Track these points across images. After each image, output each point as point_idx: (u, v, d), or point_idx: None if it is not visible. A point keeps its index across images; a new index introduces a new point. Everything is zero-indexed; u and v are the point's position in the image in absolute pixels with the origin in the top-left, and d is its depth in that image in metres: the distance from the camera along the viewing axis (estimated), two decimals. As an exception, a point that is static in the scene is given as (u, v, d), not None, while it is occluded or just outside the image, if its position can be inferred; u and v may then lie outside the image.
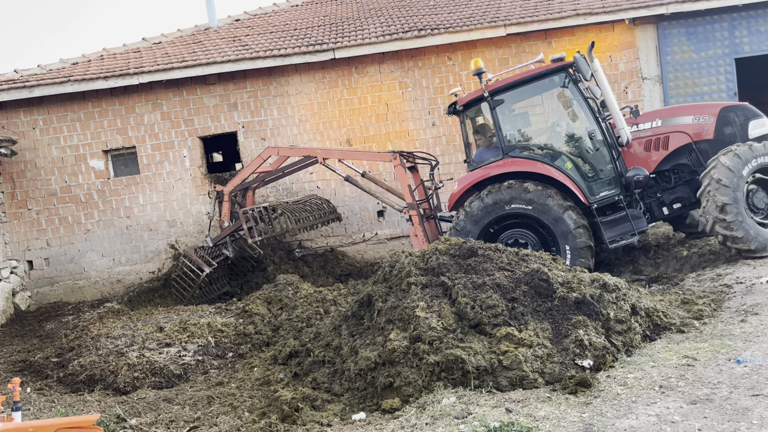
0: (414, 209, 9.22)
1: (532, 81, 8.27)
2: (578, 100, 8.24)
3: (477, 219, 8.09)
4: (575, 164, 8.22)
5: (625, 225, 8.03)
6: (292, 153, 10.23)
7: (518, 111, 8.81)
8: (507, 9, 12.38)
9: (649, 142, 8.36)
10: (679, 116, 8.36)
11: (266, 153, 10.17)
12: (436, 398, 4.69)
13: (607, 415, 4.12)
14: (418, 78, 11.93)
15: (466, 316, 5.28)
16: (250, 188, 10.69)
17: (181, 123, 11.93)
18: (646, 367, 4.81)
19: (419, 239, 9.10)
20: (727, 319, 5.68)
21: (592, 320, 5.27)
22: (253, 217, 9.61)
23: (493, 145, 8.57)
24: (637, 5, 11.48)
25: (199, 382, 6.40)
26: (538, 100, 9.05)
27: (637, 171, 8.11)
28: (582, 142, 8.33)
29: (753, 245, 7.36)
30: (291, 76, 11.89)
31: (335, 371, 5.61)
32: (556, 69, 8.14)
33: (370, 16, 13.68)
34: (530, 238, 8.13)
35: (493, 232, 8.20)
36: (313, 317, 7.52)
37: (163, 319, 8.07)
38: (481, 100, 8.40)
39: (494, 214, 8.05)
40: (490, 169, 8.28)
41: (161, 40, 13.72)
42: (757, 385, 4.24)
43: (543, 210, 7.88)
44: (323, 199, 11.29)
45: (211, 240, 10.47)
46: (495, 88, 8.27)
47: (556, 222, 7.87)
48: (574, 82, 8.15)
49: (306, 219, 10.10)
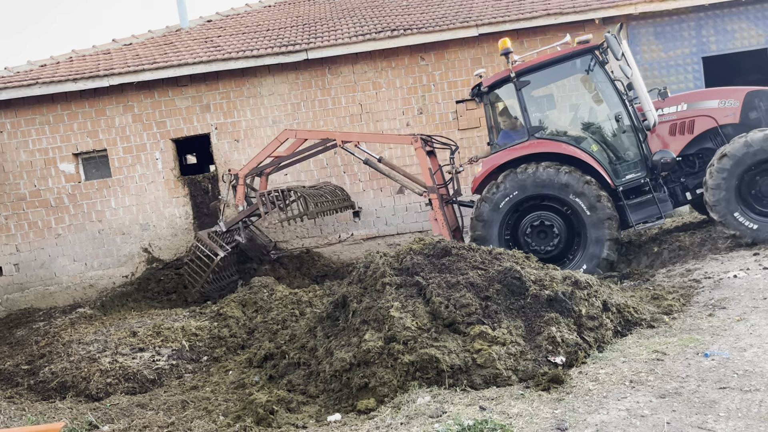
0: (434, 193, 9.10)
1: (558, 63, 8.21)
2: (604, 82, 8.19)
3: (503, 201, 8.02)
4: (601, 146, 8.18)
5: (652, 208, 8.04)
6: (310, 136, 10.00)
7: (544, 92, 8.70)
8: (479, 9, 12.46)
9: (674, 126, 8.30)
10: (704, 100, 8.30)
11: (283, 136, 9.89)
12: (411, 398, 4.71)
13: (579, 410, 4.18)
14: (391, 78, 11.95)
15: (441, 316, 5.31)
16: (263, 173, 10.31)
17: (153, 125, 11.81)
18: (617, 362, 4.88)
19: (439, 224, 8.99)
20: (696, 313, 5.78)
21: (565, 317, 5.33)
22: (270, 200, 9.37)
23: (517, 128, 8.49)
24: (607, 5, 11.62)
25: (174, 386, 6.34)
26: (564, 82, 8.95)
27: (663, 154, 8.05)
28: (608, 124, 8.31)
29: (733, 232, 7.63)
30: (264, 77, 11.84)
31: (310, 373, 5.60)
32: (583, 51, 8.09)
33: (343, 16, 13.67)
34: (555, 221, 8.09)
35: (518, 214, 8.15)
36: (288, 319, 7.50)
37: (137, 324, 7.99)
38: (506, 81, 8.31)
39: (524, 194, 7.98)
40: (515, 150, 8.21)
41: (132, 42, 13.57)
42: (724, 378, 4.32)
43: (576, 195, 7.83)
44: (337, 186, 11.05)
45: (225, 224, 10.14)
46: (521, 69, 8.19)
47: (588, 209, 7.83)
48: (600, 64, 8.08)
49: (323, 204, 9.85)
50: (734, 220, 7.59)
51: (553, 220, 8.13)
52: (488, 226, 8.15)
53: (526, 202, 8.13)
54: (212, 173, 12.18)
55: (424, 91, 11.91)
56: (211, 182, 12.03)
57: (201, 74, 11.62)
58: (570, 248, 8.18)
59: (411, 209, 11.92)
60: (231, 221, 10.16)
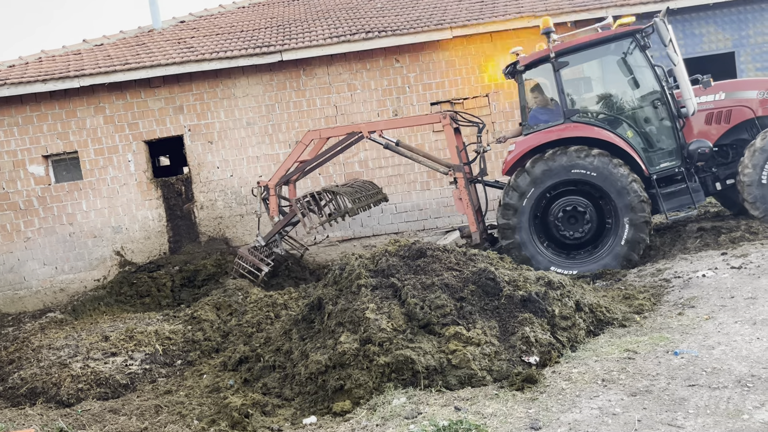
0: (460, 171, 8.91)
1: (598, 45, 8.09)
2: (644, 67, 8.06)
3: (537, 183, 7.94)
4: (636, 133, 8.09)
5: (685, 197, 7.97)
6: (334, 133, 9.70)
7: (582, 75, 8.56)
8: (453, 12, 12.54)
9: (710, 115, 8.20)
10: (743, 90, 8.22)
11: (307, 138, 9.54)
12: (386, 399, 4.72)
13: (552, 409, 4.22)
14: (366, 80, 11.96)
15: (416, 317, 5.33)
16: (290, 181, 9.91)
17: (125, 127, 11.67)
18: (590, 361, 4.94)
19: (463, 203, 8.83)
20: (666, 312, 5.89)
21: (538, 317, 5.39)
22: (305, 206, 9.11)
23: (548, 107, 8.38)
24: (578, 8, 11.78)
25: (147, 391, 6.27)
26: (603, 65, 8.77)
27: (700, 143, 7.95)
28: (645, 110, 8.19)
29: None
30: (238, 79, 11.77)
31: (286, 376, 5.58)
32: (625, 34, 7.96)
33: (317, 18, 13.65)
34: (587, 207, 8.02)
35: (549, 198, 8.08)
36: (263, 322, 7.46)
37: (109, 328, 7.88)
38: (544, 61, 8.15)
39: (555, 179, 7.90)
40: (551, 133, 8.08)
41: (103, 42, 13.39)
42: (693, 376, 4.41)
43: (607, 179, 7.75)
44: (366, 180, 10.80)
45: (263, 238, 9.84)
46: (561, 50, 8.04)
47: (619, 194, 7.75)
48: (641, 48, 7.98)
49: (360, 199, 9.55)
50: None
51: (584, 206, 8.00)
52: (518, 214, 8.03)
53: (554, 189, 8.02)
54: (186, 175, 12.07)
55: (399, 93, 11.95)
56: (184, 184, 11.92)
57: (174, 75, 11.51)
58: (601, 233, 8.10)
59: (387, 211, 11.94)
60: (268, 234, 9.86)
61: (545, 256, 8.12)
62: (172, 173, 17.02)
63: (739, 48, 12.37)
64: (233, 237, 11.91)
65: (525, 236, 8.09)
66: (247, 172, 11.88)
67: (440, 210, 12.20)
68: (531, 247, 8.11)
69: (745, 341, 4.85)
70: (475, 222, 8.81)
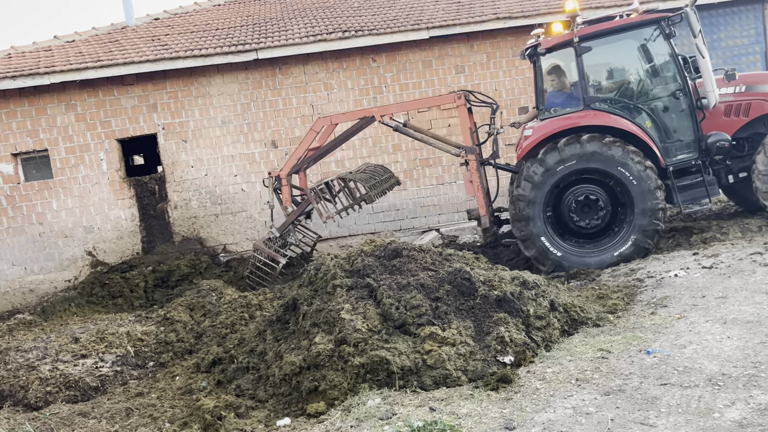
0: (473, 153, 8.66)
1: (623, 31, 7.96)
2: (668, 56, 7.97)
3: (550, 173, 7.83)
4: (655, 123, 8.01)
5: (700, 190, 7.90)
6: (346, 118, 9.45)
7: (604, 61, 8.41)
8: (430, 12, 12.55)
9: (729, 108, 8.11)
10: (764, 83, 8.12)
11: (318, 124, 9.21)
12: (361, 400, 4.69)
13: (527, 409, 4.23)
14: (343, 79, 11.92)
15: (391, 317, 5.30)
16: (301, 170, 9.57)
17: (98, 125, 11.48)
18: (564, 361, 4.96)
19: (474, 185, 8.64)
20: (639, 312, 5.94)
21: (513, 317, 5.40)
22: (319, 194, 8.87)
23: (565, 90, 8.29)
24: (554, 10, 11.85)
25: (118, 393, 6.16)
26: (625, 52, 8.53)
27: (719, 136, 7.86)
28: (665, 100, 8.08)
29: None
30: (213, 77, 11.65)
31: (260, 377, 5.52)
32: (650, 21, 7.86)
33: (294, 16, 13.57)
34: (600, 195, 7.94)
35: (563, 186, 7.98)
36: (237, 323, 7.37)
37: (79, 330, 7.73)
38: (566, 45, 7.99)
39: (569, 169, 7.79)
40: (569, 119, 7.97)
41: (75, 39, 13.15)
42: (665, 375, 4.45)
43: (621, 167, 7.66)
44: (377, 165, 10.47)
45: (277, 230, 9.54)
46: (584, 35, 7.88)
47: (634, 181, 7.67)
48: (665, 36, 7.88)
49: (377, 185, 9.24)
50: None
51: (597, 194, 7.92)
52: (531, 205, 7.91)
53: (568, 178, 7.93)
54: (159, 174, 11.91)
55: (376, 93, 11.92)
56: (158, 183, 11.76)
57: (148, 73, 11.35)
58: (614, 222, 8.03)
59: (363, 211, 11.89)
60: (282, 225, 9.58)
61: (560, 246, 8.01)
62: (146, 172, 16.79)
63: (710, 51, 12.55)
64: (207, 237, 11.78)
65: (539, 227, 7.96)
66: (222, 172, 11.76)
67: (417, 210, 12.21)
68: (545, 238, 7.99)
69: (716, 340, 4.91)
70: (485, 205, 8.65)
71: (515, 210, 8.08)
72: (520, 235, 8.11)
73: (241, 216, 11.87)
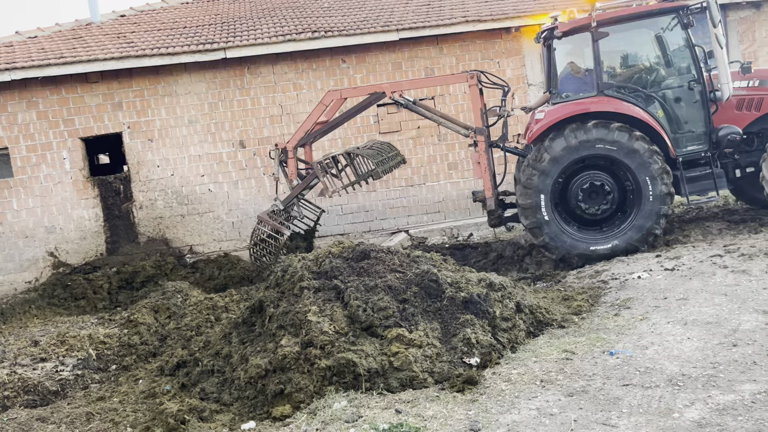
0: (482, 134, 8.59)
1: (641, 18, 7.93)
2: (684, 46, 7.97)
3: (560, 157, 7.78)
4: (667, 112, 7.97)
5: (708, 182, 7.88)
6: (356, 93, 9.37)
7: (619, 47, 8.36)
8: (399, 14, 12.57)
9: (741, 101, 8.07)
10: None
11: (327, 98, 9.15)
12: (327, 403, 4.66)
13: (492, 411, 4.26)
14: (312, 80, 11.87)
15: (358, 319, 5.29)
16: (307, 143, 9.45)
17: (60, 123, 11.24)
18: (529, 362, 5.01)
19: (482, 167, 8.57)
20: (603, 313, 6.02)
21: (480, 319, 5.43)
22: (324, 167, 8.71)
23: (580, 76, 8.23)
24: (522, 14, 11.98)
25: (78, 398, 6.02)
26: (642, 39, 8.47)
27: (730, 130, 7.84)
28: (679, 90, 8.05)
29: None
30: (180, 76, 11.49)
31: (225, 380, 5.45)
32: (668, 9, 7.84)
33: (263, 16, 13.47)
34: (607, 181, 7.91)
35: (568, 174, 7.95)
36: (203, 325, 7.28)
37: (39, 333, 7.57)
38: (584, 30, 7.94)
39: (576, 155, 7.77)
40: (581, 104, 7.92)
41: (37, 35, 12.87)
42: (627, 376, 4.52)
43: (629, 153, 7.65)
44: (385, 142, 10.26)
45: (281, 203, 9.34)
46: (603, 20, 7.83)
47: (641, 167, 7.64)
48: (683, 25, 7.84)
49: (384, 161, 9.08)
50: None
51: (604, 180, 7.91)
52: (539, 192, 7.86)
53: (575, 165, 7.90)
54: (125, 174, 11.71)
55: (345, 94, 11.87)
56: (123, 183, 11.56)
57: (113, 71, 11.16)
58: (622, 208, 8.02)
59: (332, 212, 11.86)
60: (287, 198, 9.37)
61: (569, 234, 8.00)
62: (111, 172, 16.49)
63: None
64: (174, 238, 11.62)
65: (547, 214, 7.94)
66: (188, 172, 11.61)
67: (386, 212, 12.21)
68: (554, 225, 7.97)
69: (676, 341, 5.01)
70: (491, 187, 8.62)
71: (523, 198, 8.03)
72: (527, 223, 8.08)
73: (208, 217, 11.73)
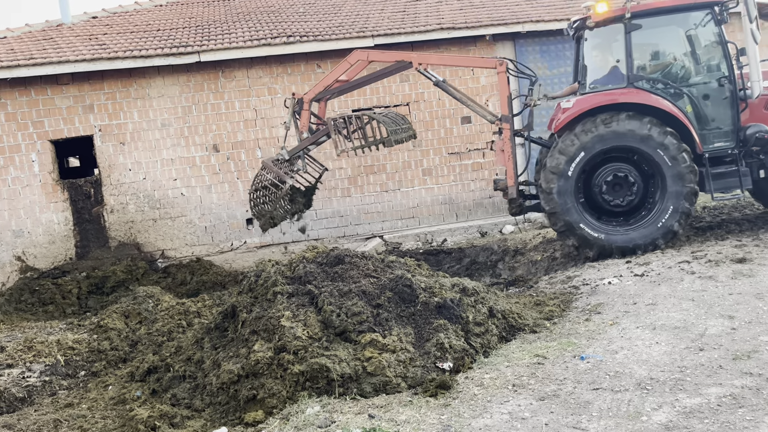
0: (508, 122, 8.54)
1: (675, 12, 7.93)
2: (716, 42, 7.95)
3: (586, 148, 7.75)
4: (695, 108, 7.95)
5: (733, 180, 7.85)
6: (384, 57, 9.23)
7: (651, 40, 8.33)
8: (375, 20, 12.62)
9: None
10: None
11: (354, 57, 9.05)
12: (300, 408, 4.65)
13: (464, 415, 4.28)
14: (287, 84, 11.84)
15: (332, 324, 5.28)
16: (323, 99, 9.27)
17: (29, 125, 11.05)
18: (501, 367, 5.05)
19: (505, 155, 8.51)
20: (574, 318, 6.10)
21: (453, 323, 5.46)
22: (339, 125, 8.52)
23: (611, 69, 8.21)
24: (496, 22, 12.12)
25: (46, 404, 5.91)
26: (674, 33, 8.41)
27: (759, 128, 7.80)
28: (709, 87, 8.03)
29: None
30: (153, 79, 11.38)
31: (196, 386, 5.40)
32: (703, 4, 7.82)
33: (238, 20, 13.41)
34: (632, 174, 7.89)
35: (594, 164, 7.92)
36: (174, 330, 7.19)
37: (5, 338, 7.41)
38: (617, 21, 7.91)
39: (605, 145, 7.74)
40: (609, 95, 7.90)
41: (6, 35, 12.63)
42: (597, 380, 4.59)
43: (657, 147, 7.62)
44: (399, 114, 9.99)
45: (288, 153, 9.13)
46: (636, 12, 7.81)
47: (668, 162, 7.62)
48: (717, 21, 7.82)
49: (397, 131, 8.90)
50: None
51: (628, 172, 7.89)
52: (564, 178, 7.85)
53: (603, 155, 7.87)
54: (95, 177, 11.54)
55: (320, 99, 11.86)
56: (93, 187, 11.39)
57: (84, 73, 11.01)
58: (645, 202, 8.00)
59: (307, 217, 11.76)
60: (294, 149, 9.17)
61: (590, 223, 7.96)
62: (82, 175, 16.24)
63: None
64: (145, 242, 11.48)
65: (570, 202, 7.91)
66: (161, 175, 11.49)
67: (361, 217, 12.22)
68: (575, 213, 7.93)
69: (645, 345, 5.09)
70: (513, 175, 8.57)
71: (547, 183, 7.99)
72: (548, 209, 8.04)
73: (181, 221, 11.62)
